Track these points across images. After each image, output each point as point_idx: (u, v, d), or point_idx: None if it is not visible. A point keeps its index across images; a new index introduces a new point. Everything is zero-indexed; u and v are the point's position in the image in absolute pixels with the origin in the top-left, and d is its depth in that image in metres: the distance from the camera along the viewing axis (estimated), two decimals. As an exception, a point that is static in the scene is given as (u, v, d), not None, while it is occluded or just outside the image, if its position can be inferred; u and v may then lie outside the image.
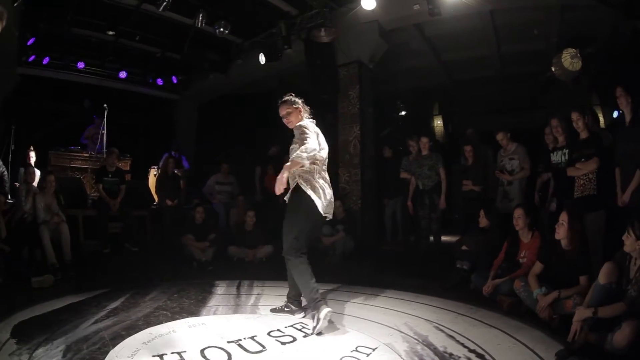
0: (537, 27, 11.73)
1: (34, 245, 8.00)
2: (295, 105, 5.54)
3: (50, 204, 8.41)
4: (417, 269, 8.56)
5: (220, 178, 12.08)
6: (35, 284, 6.71)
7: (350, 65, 10.93)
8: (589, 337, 4.23)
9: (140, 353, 4.11)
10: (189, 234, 9.38)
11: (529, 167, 8.46)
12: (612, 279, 4.33)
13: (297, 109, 5.53)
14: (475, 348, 4.38)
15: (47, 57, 12.82)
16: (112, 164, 10.59)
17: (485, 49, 13.29)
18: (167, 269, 8.70)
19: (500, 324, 5.16)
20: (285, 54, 11.38)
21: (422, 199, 9.44)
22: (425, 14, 9.40)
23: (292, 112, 5.52)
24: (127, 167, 12.41)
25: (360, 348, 4.37)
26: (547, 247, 5.73)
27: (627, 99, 6.29)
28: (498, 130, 8.85)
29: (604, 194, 6.38)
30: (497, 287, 6.05)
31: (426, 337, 4.71)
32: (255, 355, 4.19)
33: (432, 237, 9.69)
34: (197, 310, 5.68)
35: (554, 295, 5.05)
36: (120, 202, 10.35)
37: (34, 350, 4.13)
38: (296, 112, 5.53)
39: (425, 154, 9.56)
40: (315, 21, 10.61)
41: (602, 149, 6.48)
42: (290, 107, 5.53)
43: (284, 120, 5.60)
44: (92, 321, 5.07)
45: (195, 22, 10.92)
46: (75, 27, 11.91)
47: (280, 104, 5.62)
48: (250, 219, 9.80)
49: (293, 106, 5.53)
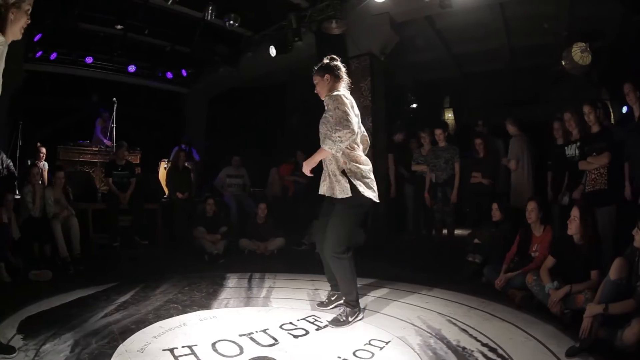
0: (547, 21, 11.66)
1: (44, 240, 8.03)
2: (326, 74, 5.17)
3: (59, 199, 8.44)
4: (428, 262, 8.55)
5: (231, 171, 12.06)
6: (32, 277, 6.76)
7: (362, 57, 10.85)
8: (599, 334, 4.21)
9: (150, 347, 4.10)
10: (200, 226, 9.39)
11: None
12: (622, 275, 4.29)
13: (326, 79, 5.16)
14: (487, 342, 4.36)
15: (55, 53, 12.82)
16: (122, 158, 10.57)
17: (495, 41, 13.23)
18: (178, 262, 8.72)
19: (513, 318, 5.14)
20: (295, 47, 11.33)
21: (435, 191, 9.39)
22: (436, 6, 9.34)
23: (319, 82, 5.22)
24: (137, 161, 12.40)
25: (373, 341, 4.36)
26: (559, 241, 5.71)
27: (636, 94, 6.26)
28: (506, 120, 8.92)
29: (615, 188, 6.34)
30: (509, 281, 6.05)
31: (439, 331, 4.70)
32: (267, 348, 4.17)
33: (445, 230, 9.64)
34: (208, 303, 5.66)
35: (565, 290, 5.03)
36: (130, 195, 10.33)
37: (42, 345, 4.11)
38: (323, 82, 5.18)
39: (443, 146, 9.46)
40: (326, 13, 10.54)
41: (614, 143, 6.44)
42: (318, 77, 5.22)
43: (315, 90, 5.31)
44: (101, 315, 5.06)
45: (205, 15, 10.89)
46: (82, 22, 11.87)
47: (313, 71, 5.29)
48: (261, 211, 9.80)
49: (322, 76, 5.18)
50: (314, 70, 5.27)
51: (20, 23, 3.75)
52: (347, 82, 5.26)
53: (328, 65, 5.20)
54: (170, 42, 13.54)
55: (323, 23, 10.49)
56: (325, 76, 5.16)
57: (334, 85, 5.16)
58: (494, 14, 11.43)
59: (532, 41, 12.84)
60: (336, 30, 10.41)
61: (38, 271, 6.85)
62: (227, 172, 12.04)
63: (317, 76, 5.22)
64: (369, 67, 10.75)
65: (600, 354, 4.06)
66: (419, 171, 9.93)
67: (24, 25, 3.79)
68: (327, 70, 5.18)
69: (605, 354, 4.10)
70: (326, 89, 5.17)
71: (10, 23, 3.67)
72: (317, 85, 5.24)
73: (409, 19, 11.05)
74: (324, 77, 5.16)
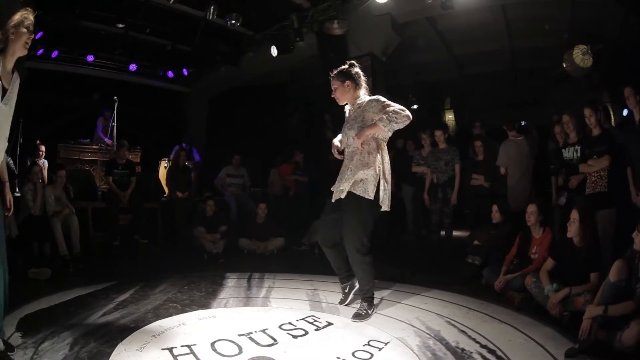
0: (548, 23, 11.68)
1: (44, 238, 8.04)
2: (347, 81, 5.21)
3: (60, 197, 8.46)
4: (428, 264, 8.55)
5: (232, 170, 12.04)
6: (31, 275, 6.76)
7: (363, 58, 10.81)
8: (599, 335, 4.22)
9: (149, 346, 4.09)
10: (199, 226, 9.40)
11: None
12: (622, 277, 4.30)
13: (347, 86, 5.21)
14: (486, 344, 4.36)
15: (56, 51, 12.80)
16: (122, 156, 10.58)
17: (496, 43, 13.25)
18: (178, 261, 8.73)
19: (512, 320, 5.15)
20: (297, 47, 11.34)
21: (435, 192, 9.38)
22: (438, 8, 9.36)
23: (338, 88, 5.25)
24: (138, 159, 12.41)
25: (372, 342, 4.35)
26: (559, 243, 5.72)
27: (636, 98, 6.25)
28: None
29: (616, 191, 6.34)
30: (509, 283, 6.05)
31: (438, 332, 4.70)
32: (266, 348, 4.17)
33: (443, 232, 9.64)
34: (208, 303, 5.67)
35: (564, 292, 5.04)
36: (130, 194, 10.34)
37: (40, 343, 4.11)
38: (344, 88, 5.22)
39: (443, 148, 9.41)
40: (328, 13, 10.56)
41: (614, 146, 6.45)
42: (338, 82, 5.24)
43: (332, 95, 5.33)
44: (101, 314, 5.07)
45: (207, 14, 10.89)
46: (84, 20, 11.88)
47: (332, 76, 5.30)
48: (261, 211, 9.81)
49: (343, 82, 5.22)
50: (333, 75, 5.29)
51: (22, 40, 3.94)
52: (366, 88, 5.35)
53: (349, 72, 5.26)
54: (171, 41, 13.53)
55: (324, 23, 10.51)
56: (346, 82, 5.22)
57: (355, 92, 5.24)
58: (495, 15, 11.45)
59: (533, 43, 12.86)
60: (338, 31, 10.43)
61: (37, 269, 6.85)
62: (227, 171, 12.01)
63: (337, 81, 5.26)
64: (370, 67, 10.73)
65: (599, 356, 4.07)
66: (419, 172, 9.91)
67: (27, 41, 3.98)
68: (349, 77, 5.23)
69: (604, 355, 4.11)
70: (348, 96, 5.25)
71: (11, 42, 3.91)
72: (335, 90, 5.28)
73: (410, 20, 11.08)
74: (345, 84, 5.22)
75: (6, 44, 3.91)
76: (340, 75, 5.25)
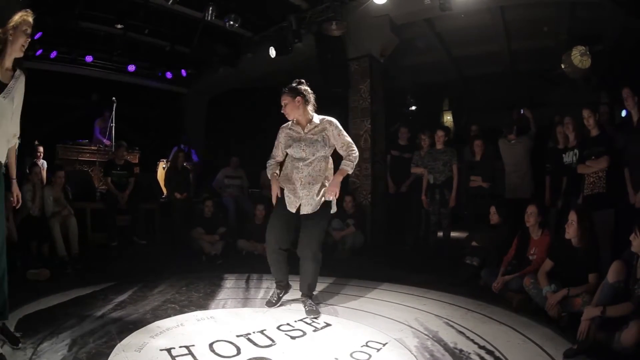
0: (547, 24, 11.67)
1: (42, 239, 8.02)
2: (297, 97, 5.37)
3: (59, 198, 8.45)
4: (426, 265, 8.55)
5: (230, 172, 12.04)
6: (30, 276, 6.74)
7: (361, 59, 10.88)
8: (597, 336, 4.22)
9: (147, 347, 4.10)
10: (198, 227, 9.37)
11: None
12: (620, 278, 4.31)
13: (297, 102, 5.36)
14: (485, 344, 4.38)
15: (55, 51, 12.79)
16: (121, 157, 10.59)
17: (495, 45, 13.21)
18: (176, 262, 8.71)
19: (510, 321, 5.16)
20: (295, 48, 11.32)
21: (433, 193, 9.37)
22: (436, 9, 9.34)
23: (288, 104, 5.39)
24: (136, 160, 12.42)
25: (370, 343, 4.37)
26: (557, 245, 5.71)
27: (634, 99, 6.27)
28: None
29: (614, 192, 6.36)
30: (507, 284, 6.04)
31: (436, 333, 4.71)
32: (264, 349, 4.18)
33: (441, 233, 9.63)
34: (206, 304, 5.67)
35: (563, 293, 5.03)
36: (128, 195, 10.34)
37: (39, 344, 4.11)
38: (294, 104, 5.37)
39: (440, 149, 9.43)
40: (326, 15, 10.53)
41: (613, 147, 6.46)
42: (288, 98, 5.38)
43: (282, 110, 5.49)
44: (99, 315, 5.06)
45: (205, 15, 10.87)
46: (83, 21, 11.88)
47: (284, 91, 5.44)
48: (259, 212, 9.78)
49: (293, 98, 5.37)
50: (285, 90, 5.45)
51: (19, 42, 4.04)
52: (313, 105, 5.55)
53: (298, 89, 5.42)
54: (170, 42, 13.52)
55: (323, 24, 10.48)
56: (296, 98, 5.37)
57: (305, 108, 5.42)
58: (494, 16, 11.42)
59: (532, 44, 12.83)
60: (336, 32, 10.41)
61: (36, 270, 6.83)
62: (225, 173, 12.01)
63: (287, 97, 5.41)
64: (368, 68, 10.78)
65: (597, 357, 4.09)
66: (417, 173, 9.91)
67: (23, 44, 4.07)
68: (299, 93, 5.39)
69: (602, 356, 4.12)
70: (297, 112, 5.42)
71: (9, 43, 4.01)
72: (285, 106, 5.43)
73: (408, 21, 11.05)
74: (295, 99, 5.37)
75: (5, 45, 3.97)
76: (291, 92, 5.40)
